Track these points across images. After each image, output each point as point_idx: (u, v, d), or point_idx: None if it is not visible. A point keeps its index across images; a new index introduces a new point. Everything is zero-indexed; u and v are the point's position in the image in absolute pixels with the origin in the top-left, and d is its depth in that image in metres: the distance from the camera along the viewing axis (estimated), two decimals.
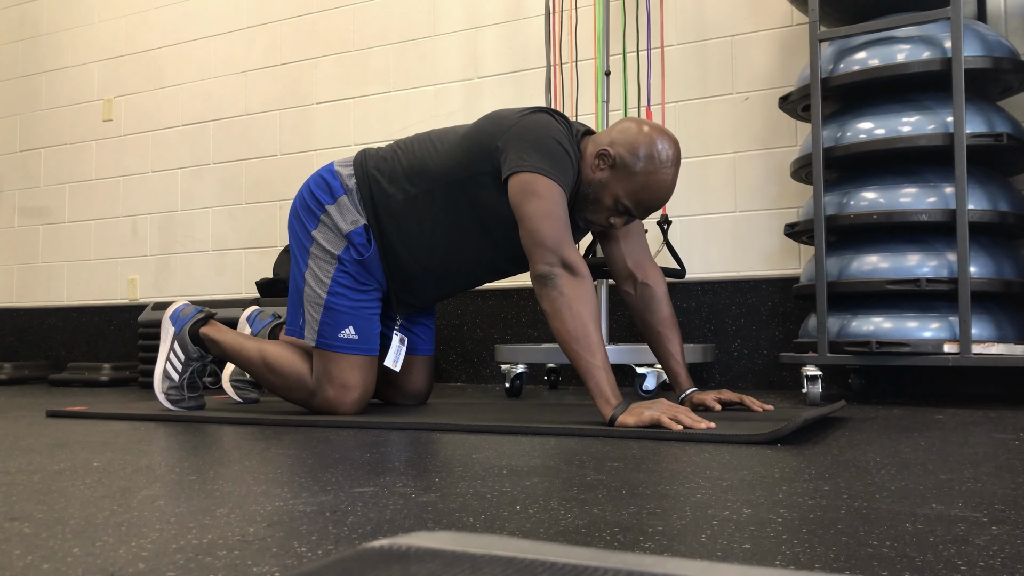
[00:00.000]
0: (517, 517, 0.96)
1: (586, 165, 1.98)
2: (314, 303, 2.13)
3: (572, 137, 1.99)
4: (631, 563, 0.54)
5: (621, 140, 1.94)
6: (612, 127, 1.99)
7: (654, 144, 1.91)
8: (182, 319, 2.27)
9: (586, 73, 3.38)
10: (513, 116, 2.00)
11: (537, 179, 1.89)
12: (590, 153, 1.98)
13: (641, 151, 1.91)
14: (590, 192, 1.98)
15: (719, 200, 3.18)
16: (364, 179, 2.15)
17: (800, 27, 3.07)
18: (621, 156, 1.92)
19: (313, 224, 2.16)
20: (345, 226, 2.13)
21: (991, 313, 2.36)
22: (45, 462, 1.43)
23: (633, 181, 1.92)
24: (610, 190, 1.95)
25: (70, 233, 4.67)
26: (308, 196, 2.19)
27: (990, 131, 2.35)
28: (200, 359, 2.27)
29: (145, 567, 0.77)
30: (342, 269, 2.12)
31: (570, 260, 1.83)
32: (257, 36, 4.18)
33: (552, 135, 1.93)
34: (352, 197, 2.14)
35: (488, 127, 2.03)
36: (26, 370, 4.33)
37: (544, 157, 1.90)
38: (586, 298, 1.81)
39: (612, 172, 1.94)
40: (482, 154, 2.00)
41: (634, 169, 1.91)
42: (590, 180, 1.97)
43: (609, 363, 1.79)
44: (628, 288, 2.15)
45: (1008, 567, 0.74)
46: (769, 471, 1.26)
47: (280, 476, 1.25)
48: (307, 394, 2.14)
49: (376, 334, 2.15)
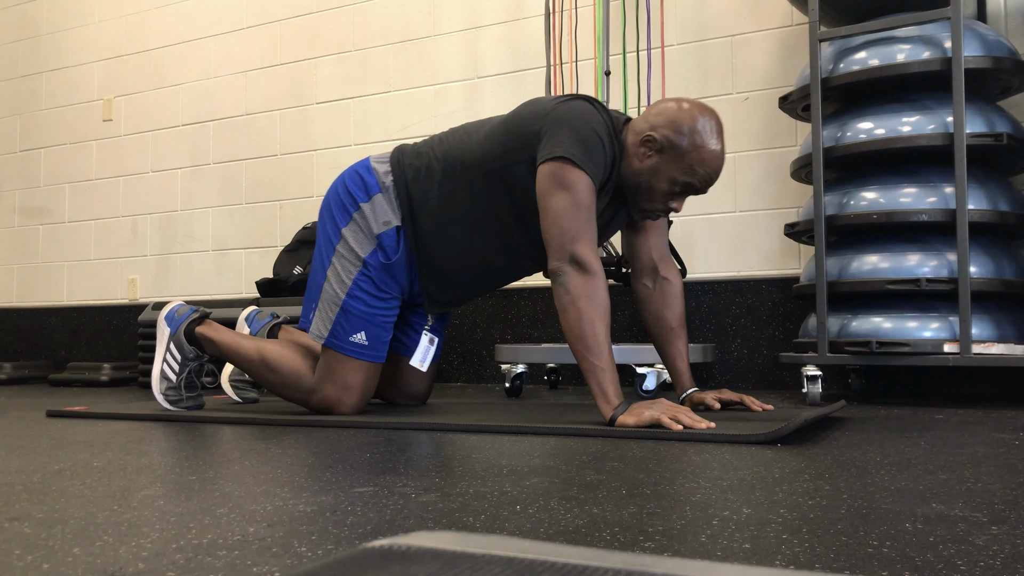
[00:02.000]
0: (517, 517, 0.96)
1: (632, 156, 1.93)
2: (331, 302, 2.11)
3: (612, 127, 1.94)
4: (631, 563, 0.54)
5: (662, 122, 1.90)
6: (648, 112, 1.95)
7: (696, 118, 1.88)
8: (177, 319, 2.25)
9: (586, 73, 3.37)
10: (551, 102, 1.96)
11: (567, 168, 1.85)
12: (633, 143, 1.93)
13: (685, 127, 1.87)
14: (642, 181, 1.93)
15: (719, 200, 3.18)
16: (401, 176, 2.12)
17: (800, 27, 3.07)
18: (667, 137, 1.88)
19: (344, 221, 2.13)
20: (376, 227, 2.10)
21: (991, 313, 2.36)
22: (45, 462, 1.43)
23: (685, 159, 1.88)
24: (664, 174, 1.91)
25: (70, 233, 4.67)
26: (343, 191, 2.16)
27: (990, 131, 2.35)
28: (197, 359, 2.26)
29: (145, 567, 0.77)
30: (365, 273, 2.10)
31: (580, 256, 1.81)
32: (257, 36, 4.18)
33: (590, 123, 1.88)
34: (388, 195, 2.11)
35: (526, 113, 1.99)
36: (26, 370, 4.33)
37: (577, 144, 1.85)
38: (594, 296, 1.79)
39: (661, 156, 1.90)
40: (520, 141, 1.97)
41: (683, 147, 1.87)
42: (639, 170, 1.93)
43: (614, 363, 1.78)
44: (647, 282, 2.13)
45: (1008, 567, 0.74)
46: (769, 471, 1.26)
47: (280, 476, 1.25)
48: (306, 392, 2.14)
49: (386, 342, 2.13)
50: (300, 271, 3.58)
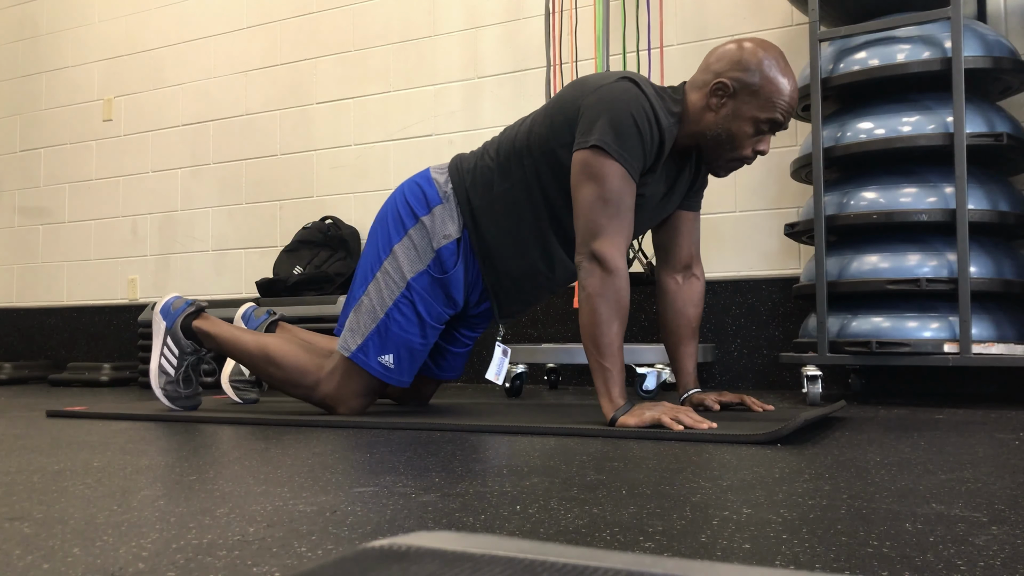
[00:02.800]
0: (517, 517, 0.96)
1: (702, 111, 1.89)
2: (369, 317, 2.06)
3: (665, 102, 1.89)
4: (631, 563, 0.54)
5: (725, 66, 1.86)
6: (707, 62, 1.91)
7: (759, 52, 1.85)
8: (173, 313, 2.22)
9: (586, 73, 3.37)
10: (597, 82, 1.90)
11: (600, 159, 1.81)
12: (699, 99, 1.89)
13: (751, 63, 1.84)
14: (722, 131, 1.88)
15: (719, 200, 3.18)
16: (460, 183, 2.07)
17: (800, 27, 3.07)
18: (737, 78, 1.85)
19: (399, 235, 2.07)
20: (437, 241, 2.05)
21: (991, 313, 2.36)
22: (45, 462, 1.43)
23: (760, 93, 1.84)
24: (744, 115, 1.86)
25: (70, 233, 4.67)
26: (402, 204, 2.10)
27: (990, 131, 2.35)
28: (195, 353, 2.24)
29: (145, 567, 0.77)
30: (407, 296, 2.04)
31: (600, 252, 1.78)
32: (257, 36, 4.18)
33: (628, 108, 1.82)
34: (448, 204, 2.06)
35: (569, 94, 1.94)
36: (26, 370, 4.33)
37: (614, 131, 1.80)
38: (610, 295, 1.77)
39: (735, 100, 1.86)
40: (564, 122, 1.91)
41: (755, 83, 1.84)
42: (717, 121, 1.88)
43: (623, 364, 1.78)
44: (676, 276, 2.11)
45: (1008, 567, 0.74)
46: (769, 471, 1.26)
47: (280, 476, 1.25)
48: (308, 387, 2.11)
49: (414, 369, 2.10)
50: (300, 271, 3.58)
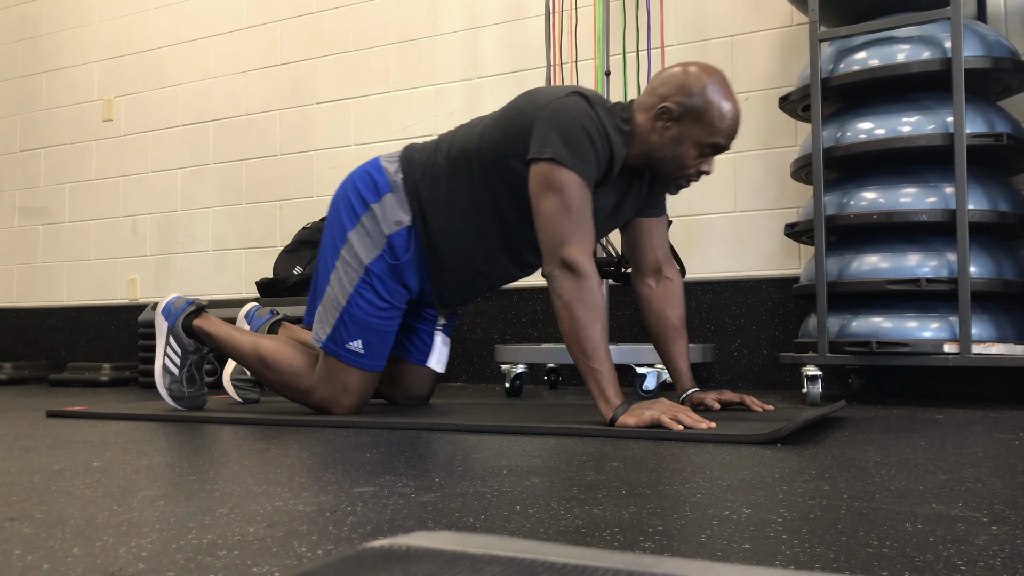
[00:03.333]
0: (517, 517, 0.96)
1: (648, 132, 1.92)
2: (333, 307, 2.11)
3: (613, 119, 1.91)
4: (631, 563, 0.54)
5: (670, 90, 1.88)
6: (652, 85, 1.94)
7: (701, 77, 1.88)
8: (174, 313, 2.25)
9: (586, 73, 3.37)
10: (548, 96, 1.93)
11: (556, 170, 1.84)
12: (646, 120, 1.91)
13: (694, 88, 1.86)
14: (667, 154, 1.91)
15: (719, 200, 3.18)
16: (410, 174, 2.10)
17: (800, 27, 3.07)
18: (680, 103, 1.87)
19: (352, 223, 2.12)
20: (387, 227, 2.09)
21: (991, 313, 2.36)
22: (45, 462, 1.43)
23: (704, 118, 1.87)
24: (688, 139, 1.89)
25: (70, 233, 4.67)
26: (352, 192, 2.14)
27: (990, 131, 2.35)
28: (197, 351, 2.26)
29: (145, 567, 0.77)
30: (366, 280, 2.09)
31: (571, 259, 1.80)
32: (257, 36, 4.18)
33: (580, 121, 1.85)
34: (398, 193, 2.10)
35: (521, 106, 1.97)
36: (26, 370, 4.33)
37: (567, 144, 1.83)
38: (586, 299, 1.79)
39: (679, 124, 1.88)
40: (516, 132, 1.95)
41: (699, 107, 1.86)
42: (662, 143, 1.90)
43: (612, 364, 1.78)
44: (650, 281, 2.12)
45: (1008, 567, 0.74)
46: (769, 471, 1.26)
47: (280, 476, 1.25)
48: (304, 390, 2.13)
49: (384, 352, 2.13)
50: (300, 271, 3.58)
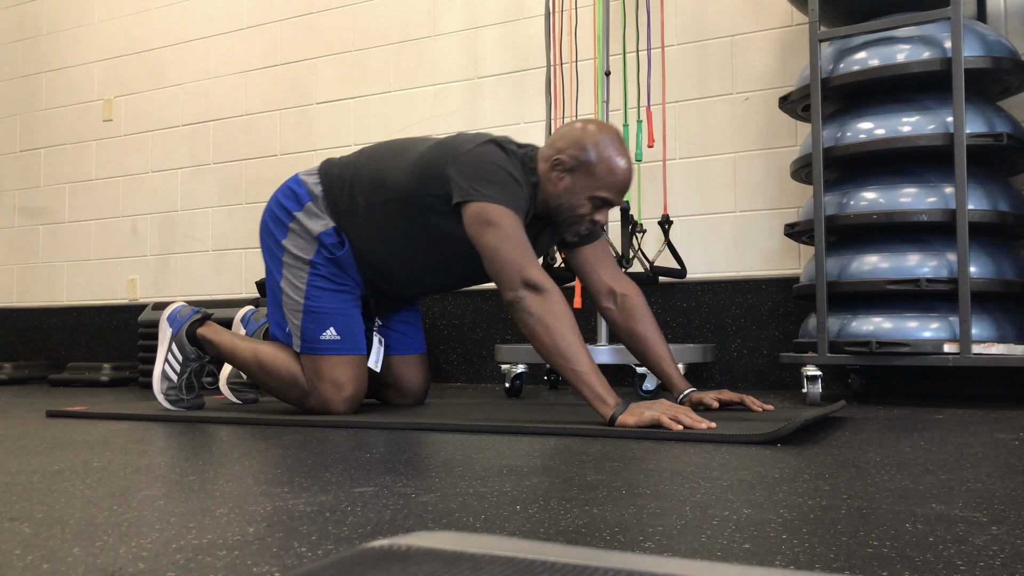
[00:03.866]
0: (517, 517, 0.96)
1: (546, 182, 2.02)
2: (293, 310, 2.16)
3: (525, 166, 2.03)
4: (631, 563, 0.54)
5: (565, 144, 1.99)
6: (552, 139, 2.05)
7: (596, 133, 1.98)
8: (179, 320, 2.29)
9: (586, 73, 3.37)
10: (463, 146, 2.03)
11: (489, 207, 1.92)
12: (544, 170, 2.02)
13: (588, 143, 1.97)
14: (563, 203, 2.02)
15: (719, 200, 3.18)
16: (329, 187, 2.19)
17: (800, 27, 3.07)
18: (574, 157, 1.97)
19: (283, 233, 2.20)
20: (315, 228, 2.16)
21: (991, 313, 2.36)
22: (45, 462, 1.43)
23: (595, 172, 1.97)
24: (580, 191, 1.99)
25: (70, 233, 4.67)
26: (276, 207, 2.23)
27: (990, 131, 2.35)
28: (198, 359, 2.29)
29: (145, 567, 0.77)
30: (315, 272, 2.15)
31: (533, 279, 1.85)
32: (257, 36, 4.18)
33: (500, 165, 1.97)
34: (318, 204, 2.18)
35: (439, 154, 2.05)
36: (26, 370, 4.33)
37: (493, 186, 1.94)
38: (556, 310, 1.83)
39: (572, 176, 1.99)
40: (433, 178, 2.04)
41: (591, 160, 1.96)
42: (557, 193, 2.01)
43: (596, 366, 1.81)
44: (609, 304, 2.17)
45: (1008, 567, 0.74)
46: (769, 471, 1.26)
47: (280, 476, 1.25)
48: (301, 395, 2.16)
49: (359, 333, 2.18)
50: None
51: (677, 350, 2.77)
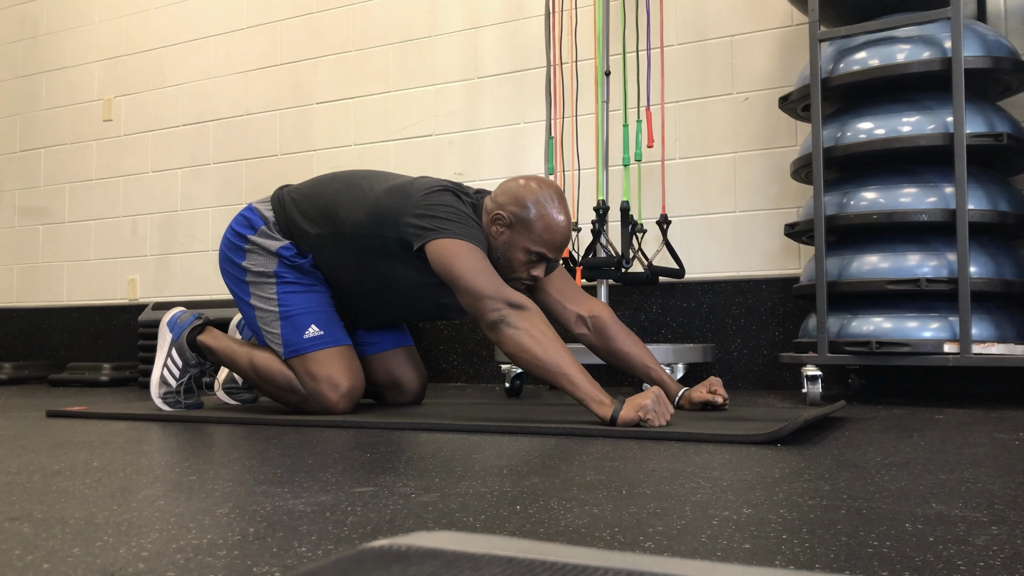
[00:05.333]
0: (517, 517, 0.96)
1: (489, 236, 2.07)
2: (271, 322, 2.18)
3: (476, 212, 2.08)
4: (631, 563, 0.54)
5: (506, 200, 2.04)
6: (495, 193, 2.09)
7: (536, 191, 2.03)
8: (180, 326, 2.29)
9: (586, 73, 3.37)
10: (418, 192, 2.06)
11: (452, 243, 1.97)
12: (487, 223, 2.07)
13: (528, 200, 2.02)
14: (501, 256, 2.07)
15: (719, 200, 3.18)
16: (281, 212, 2.22)
17: (800, 27, 3.07)
18: (513, 212, 2.02)
19: (241, 257, 2.22)
20: (273, 245, 2.19)
21: (991, 313, 2.36)
22: (45, 462, 1.43)
23: (533, 228, 2.02)
24: (518, 245, 2.04)
25: (70, 233, 4.67)
26: (231, 235, 2.26)
27: (990, 131, 2.35)
28: (198, 365, 2.30)
29: (145, 567, 0.77)
30: (281, 280, 2.18)
31: (513, 299, 1.89)
32: (257, 36, 4.18)
33: (456, 208, 2.02)
34: (271, 227, 2.22)
35: (393, 203, 2.07)
36: (26, 370, 4.33)
37: (452, 223, 1.99)
38: (539, 323, 1.86)
39: (511, 230, 2.04)
40: (387, 223, 2.07)
41: (528, 218, 2.02)
42: (496, 246, 2.06)
43: (585, 369, 1.82)
44: (583, 330, 2.18)
45: (1008, 567, 0.74)
46: (769, 471, 1.26)
47: (280, 476, 1.25)
48: (300, 399, 2.16)
49: (339, 325, 2.20)
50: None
51: (677, 350, 2.77)
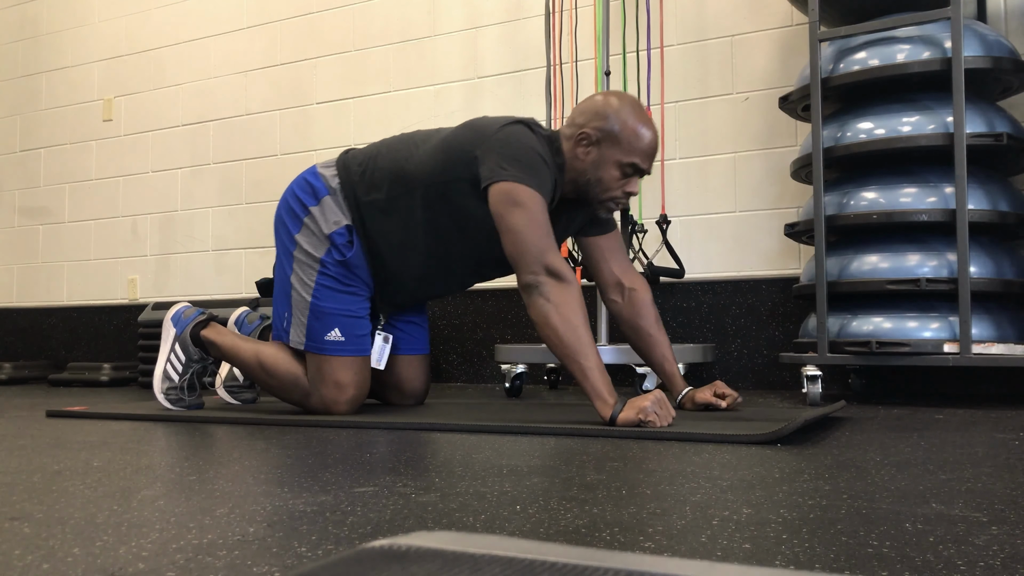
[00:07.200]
0: (517, 517, 0.96)
1: (573, 159, 2.01)
2: (301, 307, 2.15)
3: (551, 147, 2.01)
4: (631, 563, 0.54)
5: (587, 118, 1.98)
6: (572, 115, 2.04)
7: (616, 103, 1.98)
8: (183, 321, 2.29)
9: (586, 73, 3.37)
10: (492, 127, 2.01)
11: (517, 188, 1.91)
12: (570, 148, 2.01)
13: (610, 112, 1.96)
14: (592, 177, 2.00)
15: (719, 200, 3.18)
16: (347, 180, 2.16)
17: (800, 27, 3.07)
18: (598, 128, 1.96)
19: (296, 227, 2.18)
20: (327, 227, 2.14)
21: (991, 313, 2.36)
22: (45, 462, 1.43)
23: (621, 139, 1.96)
24: (608, 161, 1.98)
25: (70, 233, 4.67)
26: (292, 199, 2.21)
27: (990, 131, 2.35)
28: (201, 361, 2.29)
29: (145, 567, 0.77)
30: (324, 272, 2.14)
31: (554, 267, 1.85)
32: (257, 36, 4.18)
33: (530, 146, 1.96)
34: (336, 197, 2.16)
35: (467, 135, 2.04)
36: (26, 370, 4.32)
37: (522, 167, 1.93)
38: (573, 303, 1.83)
39: (599, 147, 1.97)
40: (460, 161, 2.02)
41: (615, 130, 1.96)
42: (584, 168, 2.00)
43: (603, 363, 1.80)
44: (615, 297, 2.16)
45: (1008, 567, 0.74)
46: (769, 471, 1.26)
47: (280, 476, 1.25)
48: (302, 395, 2.15)
49: (365, 335, 2.16)
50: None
51: (677, 350, 2.77)
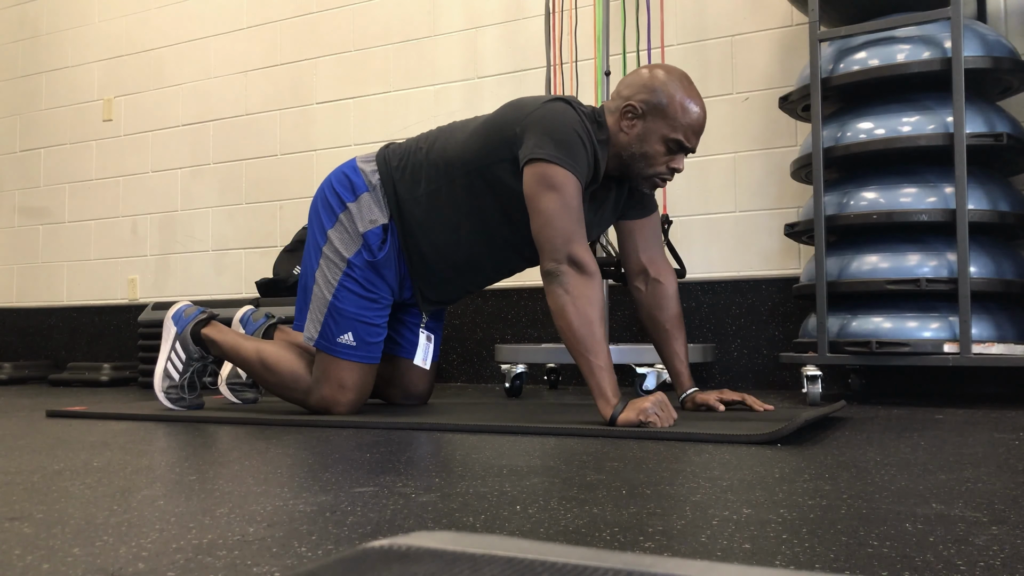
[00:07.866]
0: (517, 517, 0.96)
1: (618, 133, 1.97)
2: (320, 304, 2.14)
3: (593, 125, 1.96)
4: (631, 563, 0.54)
5: (634, 90, 1.94)
6: (618, 88, 2.00)
7: (663, 75, 1.93)
8: (184, 319, 2.28)
9: (586, 73, 3.37)
10: (533, 103, 1.98)
11: (553, 169, 1.87)
12: (615, 122, 1.97)
13: (657, 85, 1.92)
14: (636, 151, 1.96)
15: (719, 200, 3.18)
16: (388, 175, 2.14)
17: (800, 27, 3.07)
18: (644, 100, 1.92)
19: (331, 222, 2.16)
20: (363, 225, 2.12)
21: (991, 313, 2.36)
22: (45, 462, 1.43)
23: (667, 113, 1.92)
24: (654, 134, 1.94)
25: (70, 233, 4.67)
26: (329, 192, 2.18)
27: (990, 131, 2.35)
28: (201, 359, 2.29)
29: (145, 567, 0.77)
30: (349, 274, 2.12)
31: (578, 257, 1.82)
32: (257, 36, 4.18)
33: (571, 124, 1.90)
34: (375, 194, 2.14)
35: (508, 114, 2.01)
36: (26, 370, 4.32)
37: (560, 146, 1.88)
38: (592, 297, 1.81)
39: (645, 121, 1.94)
40: (501, 141, 1.99)
41: (661, 103, 1.91)
42: (630, 142, 1.96)
43: (612, 363, 1.79)
44: (639, 284, 2.14)
45: (1008, 567, 0.74)
46: (769, 471, 1.26)
47: (280, 476, 1.25)
48: (303, 392, 2.15)
49: (378, 343, 2.15)
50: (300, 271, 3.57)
51: None
